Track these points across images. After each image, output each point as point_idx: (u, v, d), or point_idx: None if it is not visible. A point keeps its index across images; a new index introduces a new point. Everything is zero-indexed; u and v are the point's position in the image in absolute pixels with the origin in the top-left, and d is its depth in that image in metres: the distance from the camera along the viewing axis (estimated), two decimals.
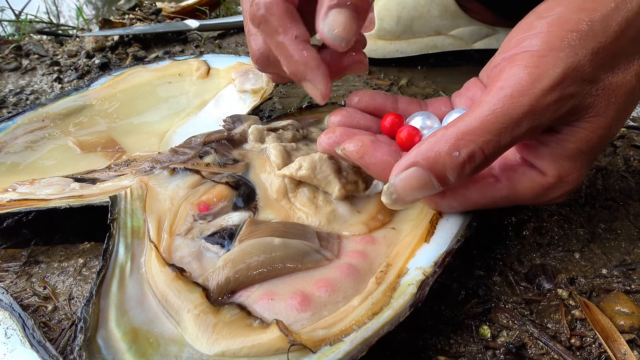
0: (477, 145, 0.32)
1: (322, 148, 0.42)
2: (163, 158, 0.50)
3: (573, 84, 0.33)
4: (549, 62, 0.32)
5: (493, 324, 0.39)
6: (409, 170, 0.34)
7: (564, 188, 0.37)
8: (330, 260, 0.39)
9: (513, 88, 0.32)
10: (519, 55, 0.34)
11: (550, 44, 0.33)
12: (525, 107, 0.32)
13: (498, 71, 0.35)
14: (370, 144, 0.38)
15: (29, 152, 0.55)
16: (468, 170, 0.33)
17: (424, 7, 0.81)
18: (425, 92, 0.78)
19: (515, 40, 0.35)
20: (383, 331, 0.32)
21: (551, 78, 0.32)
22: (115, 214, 0.42)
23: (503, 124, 0.32)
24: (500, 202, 0.38)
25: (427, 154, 0.34)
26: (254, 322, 0.34)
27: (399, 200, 0.35)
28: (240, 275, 0.37)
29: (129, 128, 0.60)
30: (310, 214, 0.43)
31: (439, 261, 0.36)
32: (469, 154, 0.33)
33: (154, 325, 0.34)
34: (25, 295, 0.43)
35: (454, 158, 0.33)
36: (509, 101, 0.32)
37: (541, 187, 0.37)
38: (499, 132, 0.32)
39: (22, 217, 0.50)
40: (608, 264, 0.44)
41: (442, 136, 0.33)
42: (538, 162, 0.37)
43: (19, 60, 0.85)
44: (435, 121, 0.43)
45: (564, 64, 0.32)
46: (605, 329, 0.38)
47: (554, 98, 0.32)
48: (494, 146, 0.33)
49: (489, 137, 0.32)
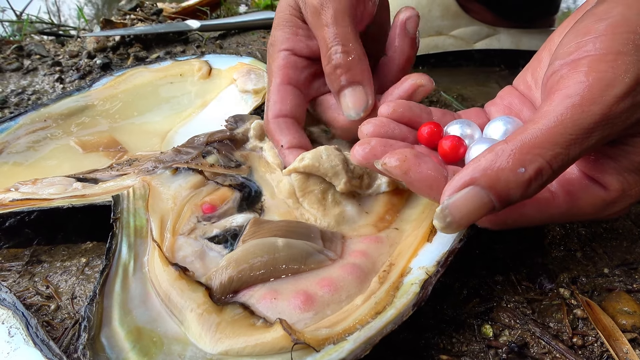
0: (545, 159, 0.29)
1: (357, 160, 0.39)
2: (166, 158, 0.50)
3: None
4: (619, 66, 0.30)
5: (495, 323, 0.39)
6: (465, 190, 0.30)
7: (625, 202, 0.35)
8: (334, 260, 0.39)
9: (582, 96, 0.29)
10: (583, 60, 0.31)
11: (615, 47, 0.30)
12: (597, 116, 0.29)
13: (559, 78, 0.32)
14: (414, 158, 0.35)
15: (31, 152, 0.55)
16: (534, 188, 0.30)
17: (425, 8, 0.81)
18: None
19: (575, 44, 0.32)
20: (386, 330, 0.32)
21: (624, 84, 0.29)
22: (118, 214, 0.42)
23: (572, 135, 0.29)
24: (558, 219, 0.36)
25: (486, 170, 0.30)
26: (257, 322, 0.34)
27: (453, 223, 0.31)
28: (243, 275, 0.37)
29: (131, 128, 0.60)
30: (318, 217, 0.43)
31: (442, 261, 0.36)
32: (537, 169, 0.29)
33: (157, 324, 0.35)
34: (28, 295, 0.43)
35: (518, 175, 0.29)
36: (579, 110, 0.29)
37: (603, 202, 0.35)
38: (568, 145, 0.29)
39: (25, 217, 0.50)
40: (610, 263, 0.45)
41: (503, 151, 0.30)
42: (601, 176, 0.34)
43: (20, 61, 0.85)
44: (475, 129, 0.41)
45: (636, 69, 0.30)
46: (607, 328, 0.38)
47: (627, 105, 0.29)
48: (562, 160, 0.30)
49: (558, 150, 0.29)
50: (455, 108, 0.73)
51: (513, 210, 0.35)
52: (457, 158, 0.38)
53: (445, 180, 0.34)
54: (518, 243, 0.46)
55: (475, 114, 0.44)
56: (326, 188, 0.44)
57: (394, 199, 0.45)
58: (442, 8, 0.81)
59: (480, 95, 0.78)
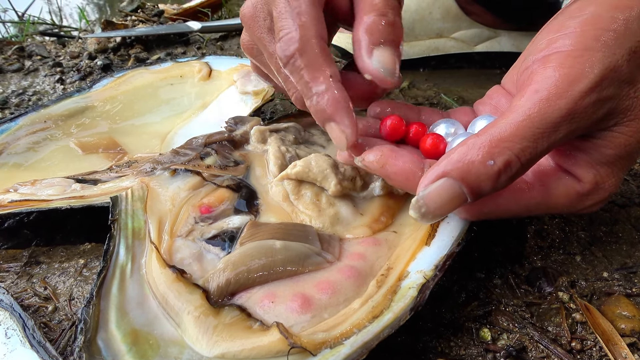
0: (513, 152, 0.30)
1: (343, 158, 0.40)
2: (164, 159, 0.50)
3: (611, 86, 0.31)
4: (586, 62, 0.31)
5: (493, 327, 0.39)
6: (439, 182, 0.32)
7: (600, 195, 0.35)
8: (331, 263, 0.39)
9: (549, 91, 0.31)
10: (552, 56, 0.32)
11: (584, 43, 0.31)
12: (563, 111, 0.30)
13: (530, 73, 0.33)
14: (390, 152, 0.36)
15: (31, 153, 0.55)
16: (503, 180, 0.31)
17: (425, 10, 0.81)
18: (427, 95, 0.78)
19: (546, 40, 0.33)
20: (383, 334, 0.32)
21: (589, 79, 0.30)
22: (116, 215, 0.42)
23: (540, 129, 0.30)
24: (534, 210, 0.36)
25: (458, 163, 0.31)
26: (254, 324, 0.34)
27: (428, 214, 0.32)
28: (241, 277, 0.37)
29: (131, 129, 0.60)
30: (313, 217, 0.43)
31: (440, 264, 0.36)
32: (505, 162, 0.30)
33: (154, 327, 0.34)
34: (25, 296, 0.43)
35: (488, 167, 0.30)
36: (545, 104, 0.30)
37: (577, 194, 0.35)
38: (535, 138, 0.30)
39: (24, 218, 0.50)
40: (609, 267, 0.44)
41: (474, 144, 0.31)
42: (574, 168, 0.35)
43: (21, 62, 0.86)
44: (459, 128, 0.42)
45: (602, 65, 0.30)
46: (606, 332, 0.38)
47: (592, 100, 0.30)
48: (530, 153, 0.31)
49: (526, 144, 0.30)
50: None
51: (489, 201, 0.36)
52: (438, 154, 0.39)
53: (421, 173, 0.35)
54: (517, 246, 0.46)
55: (464, 112, 0.45)
56: (319, 190, 0.45)
57: (389, 201, 0.45)
58: (443, 10, 0.81)
59: (481, 97, 0.78)
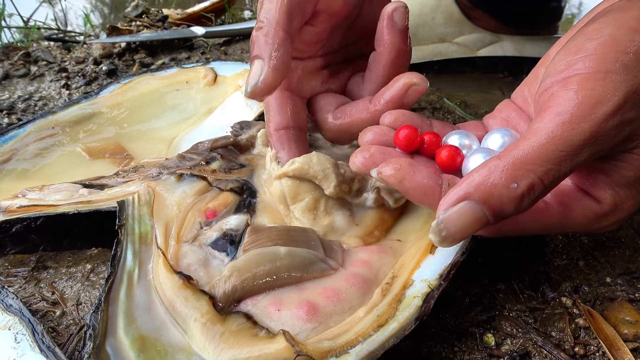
0: (537, 175, 0.30)
1: (356, 167, 0.40)
2: (170, 164, 0.50)
3: (633, 108, 0.31)
4: (608, 85, 0.31)
5: (497, 332, 0.39)
6: (460, 205, 0.31)
7: (618, 216, 0.35)
8: (335, 270, 0.40)
9: (572, 113, 0.30)
10: (573, 78, 0.32)
11: (605, 66, 0.31)
12: (587, 134, 0.30)
13: (550, 95, 0.33)
14: (409, 167, 0.36)
15: (39, 158, 0.56)
16: (526, 203, 0.31)
17: (428, 15, 0.81)
18: (429, 99, 0.78)
19: (565, 62, 0.33)
20: (389, 344, 0.32)
21: (612, 102, 0.30)
22: (123, 220, 0.43)
23: (563, 152, 0.30)
24: (552, 229, 0.36)
25: (480, 186, 0.31)
26: (260, 332, 0.34)
27: (448, 237, 0.32)
28: (247, 284, 0.37)
29: (137, 135, 0.61)
30: (306, 225, 0.43)
31: (445, 274, 0.36)
32: (529, 185, 0.30)
33: (161, 333, 0.35)
34: (33, 300, 0.43)
35: (511, 190, 0.30)
36: (569, 127, 0.30)
37: (595, 215, 0.35)
38: (559, 161, 0.30)
39: (31, 223, 0.50)
40: (612, 272, 0.45)
41: (496, 166, 0.31)
42: (593, 190, 0.35)
43: (27, 67, 0.86)
44: (474, 140, 0.41)
45: (624, 87, 0.31)
46: (609, 337, 0.38)
47: (616, 123, 0.30)
48: (553, 176, 0.30)
49: (549, 166, 0.30)
50: (458, 114, 0.74)
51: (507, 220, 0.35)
52: (454, 167, 0.39)
53: (439, 188, 0.35)
54: (520, 252, 0.46)
55: (474, 126, 0.45)
56: (318, 197, 0.44)
57: (384, 215, 0.45)
58: (446, 15, 0.81)
59: (484, 102, 0.78)
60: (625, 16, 0.33)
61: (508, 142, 0.38)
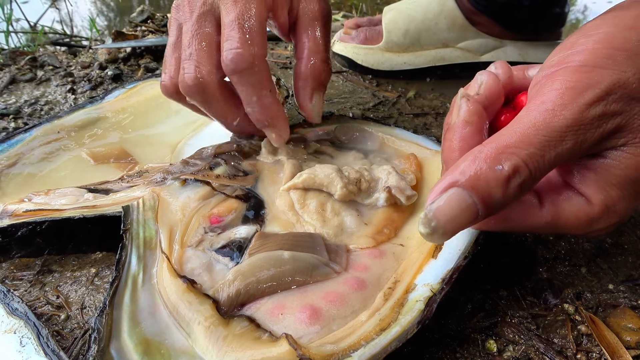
0: (521, 157, 0.30)
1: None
2: (174, 169, 0.51)
3: (619, 101, 0.31)
4: (593, 77, 0.31)
5: (499, 338, 0.39)
6: (448, 193, 0.31)
7: (610, 219, 0.34)
8: (339, 273, 0.40)
9: (554, 102, 0.31)
10: (560, 71, 0.33)
11: (594, 60, 0.32)
12: (569, 120, 0.31)
13: (539, 88, 0.33)
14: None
15: (45, 163, 0.56)
16: (513, 187, 0.31)
17: (431, 21, 0.81)
18: (432, 104, 0.78)
19: (558, 57, 0.34)
20: (391, 347, 0.32)
21: (595, 92, 0.31)
22: (128, 225, 0.43)
23: (546, 137, 0.31)
24: (543, 228, 0.36)
25: (466, 171, 0.31)
26: (263, 335, 0.35)
27: (438, 228, 0.31)
28: (250, 288, 0.37)
29: (142, 140, 0.61)
30: (317, 227, 0.44)
31: (447, 278, 0.37)
32: (513, 167, 0.30)
33: (165, 337, 0.35)
34: (38, 304, 0.44)
35: (497, 172, 0.30)
36: (551, 114, 0.31)
37: (587, 216, 0.34)
38: (542, 146, 0.31)
39: (36, 227, 0.51)
40: (615, 279, 0.45)
41: (480, 151, 0.31)
42: (584, 188, 0.34)
43: (34, 72, 0.87)
44: None
45: (609, 80, 0.31)
46: (611, 344, 0.38)
47: (598, 112, 0.31)
48: (537, 161, 0.31)
49: (532, 150, 0.30)
50: None
51: (499, 216, 0.35)
52: None
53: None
54: (523, 258, 0.47)
55: None
56: (324, 200, 0.45)
57: (394, 214, 0.46)
58: (449, 21, 0.82)
59: None
60: (625, 14, 0.34)
61: None
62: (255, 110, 0.48)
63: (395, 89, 0.83)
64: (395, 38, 0.83)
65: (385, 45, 0.84)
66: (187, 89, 0.47)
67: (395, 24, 0.82)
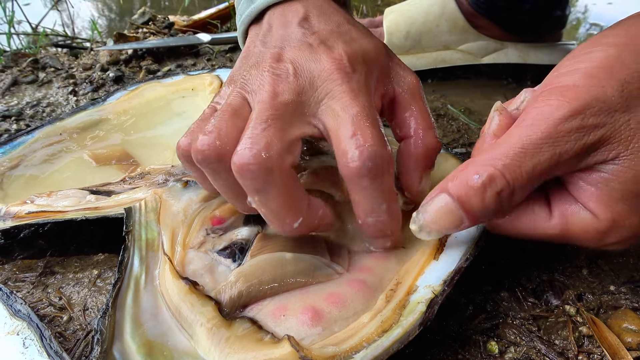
0: (497, 168, 0.32)
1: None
2: (176, 171, 0.51)
3: (598, 114, 0.32)
4: (571, 94, 0.32)
5: (501, 340, 0.40)
6: (437, 197, 0.35)
7: (622, 233, 0.34)
8: (341, 274, 0.40)
9: (534, 118, 0.33)
10: (545, 91, 0.34)
11: (574, 79, 0.33)
12: (544, 132, 0.32)
13: (524, 107, 0.35)
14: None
15: (47, 165, 0.57)
16: (490, 195, 0.33)
17: (432, 23, 0.82)
18: (433, 106, 0.78)
19: (546, 81, 0.36)
20: (393, 349, 0.32)
21: (571, 106, 0.32)
22: (130, 226, 0.43)
23: (522, 149, 0.32)
24: (555, 238, 0.36)
25: (453, 179, 0.34)
26: (265, 337, 0.35)
27: (425, 227, 0.35)
28: (253, 289, 0.37)
29: (143, 141, 0.61)
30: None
31: (448, 280, 0.37)
32: (489, 176, 0.32)
33: (167, 338, 0.35)
34: (41, 306, 0.44)
35: (474, 181, 0.33)
36: (529, 129, 0.33)
37: (595, 230, 0.34)
38: (518, 157, 0.32)
39: (39, 229, 0.51)
40: (616, 280, 0.45)
41: (467, 164, 0.34)
42: (588, 203, 0.34)
43: (35, 73, 0.87)
44: None
45: (586, 95, 0.32)
46: (612, 346, 0.38)
47: (575, 125, 0.32)
48: (514, 171, 0.32)
49: (508, 161, 0.32)
50: (462, 121, 0.74)
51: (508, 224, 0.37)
52: None
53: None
54: (524, 259, 0.47)
55: None
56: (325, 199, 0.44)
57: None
58: (450, 23, 0.82)
59: (488, 109, 0.78)
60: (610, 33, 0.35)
61: None
62: (381, 220, 0.38)
63: None
64: (397, 40, 0.83)
65: None
66: (243, 166, 0.35)
67: (397, 26, 0.83)
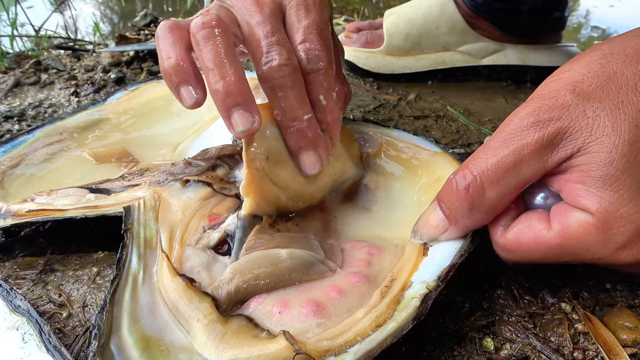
0: (465, 165, 0.37)
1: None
2: (176, 170, 0.51)
3: (552, 110, 0.35)
4: (533, 105, 0.36)
5: (497, 337, 0.40)
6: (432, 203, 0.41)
7: (625, 227, 0.32)
8: (335, 272, 0.40)
9: (503, 124, 0.37)
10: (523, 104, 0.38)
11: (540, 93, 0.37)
12: (506, 132, 0.36)
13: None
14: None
15: (47, 163, 0.57)
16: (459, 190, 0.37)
17: (432, 24, 0.82)
18: (433, 107, 0.79)
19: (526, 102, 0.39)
20: (386, 343, 0.32)
21: (527, 108, 0.36)
22: (129, 225, 0.44)
23: (487, 147, 0.37)
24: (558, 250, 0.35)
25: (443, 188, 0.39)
26: (261, 333, 0.35)
27: (416, 230, 0.41)
28: (249, 285, 0.38)
29: (143, 140, 0.62)
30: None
31: (443, 275, 0.37)
32: (458, 173, 0.38)
33: (164, 334, 0.35)
34: (41, 302, 0.44)
35: (449, 180, 0.38)
36: (496, 134, 0.37)
37: (595, 228, 0.33)
38: (484, 153, 0.37)
39: (39, 227, 0.51)
40: (612, 278, 0.45)
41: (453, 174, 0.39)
42: (579, 201, 0.34)
43: (38, 75, 0.88)
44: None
45: (541, 98, 0.36)
46: (607, 343, 0.38)
47: (531, 121, 0.35)
48: (480, 165, 0.36)
49: (476, 159, 0.37)
50: (461, 122, 0.74)
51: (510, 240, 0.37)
52: None
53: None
54: None
55: None
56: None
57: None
58: (450, 25, 0.82)
59: (487, 110, 0.79)
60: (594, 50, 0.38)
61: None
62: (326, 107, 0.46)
63: (396, 91, 0.84)
64: (397, 42, 0.83)
65: (386, 48, 0.84)
66: (279, 68, 0.43)
67: (397, 28, 0.83)
